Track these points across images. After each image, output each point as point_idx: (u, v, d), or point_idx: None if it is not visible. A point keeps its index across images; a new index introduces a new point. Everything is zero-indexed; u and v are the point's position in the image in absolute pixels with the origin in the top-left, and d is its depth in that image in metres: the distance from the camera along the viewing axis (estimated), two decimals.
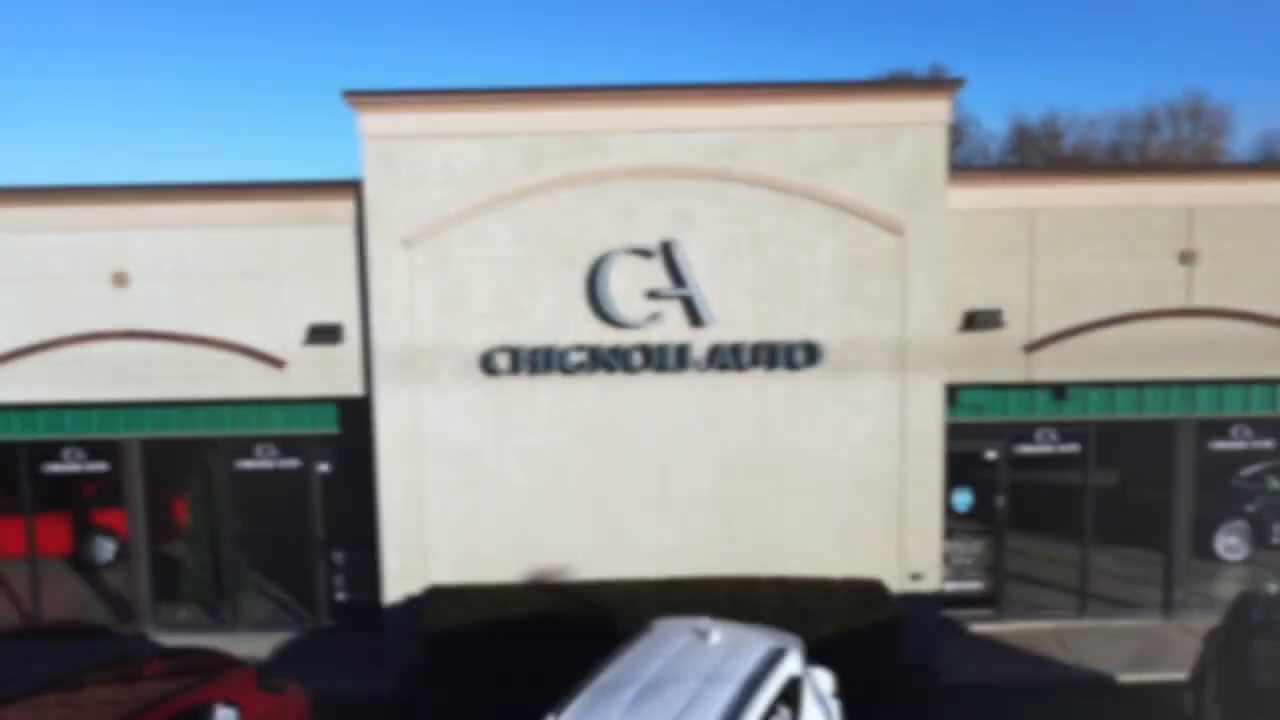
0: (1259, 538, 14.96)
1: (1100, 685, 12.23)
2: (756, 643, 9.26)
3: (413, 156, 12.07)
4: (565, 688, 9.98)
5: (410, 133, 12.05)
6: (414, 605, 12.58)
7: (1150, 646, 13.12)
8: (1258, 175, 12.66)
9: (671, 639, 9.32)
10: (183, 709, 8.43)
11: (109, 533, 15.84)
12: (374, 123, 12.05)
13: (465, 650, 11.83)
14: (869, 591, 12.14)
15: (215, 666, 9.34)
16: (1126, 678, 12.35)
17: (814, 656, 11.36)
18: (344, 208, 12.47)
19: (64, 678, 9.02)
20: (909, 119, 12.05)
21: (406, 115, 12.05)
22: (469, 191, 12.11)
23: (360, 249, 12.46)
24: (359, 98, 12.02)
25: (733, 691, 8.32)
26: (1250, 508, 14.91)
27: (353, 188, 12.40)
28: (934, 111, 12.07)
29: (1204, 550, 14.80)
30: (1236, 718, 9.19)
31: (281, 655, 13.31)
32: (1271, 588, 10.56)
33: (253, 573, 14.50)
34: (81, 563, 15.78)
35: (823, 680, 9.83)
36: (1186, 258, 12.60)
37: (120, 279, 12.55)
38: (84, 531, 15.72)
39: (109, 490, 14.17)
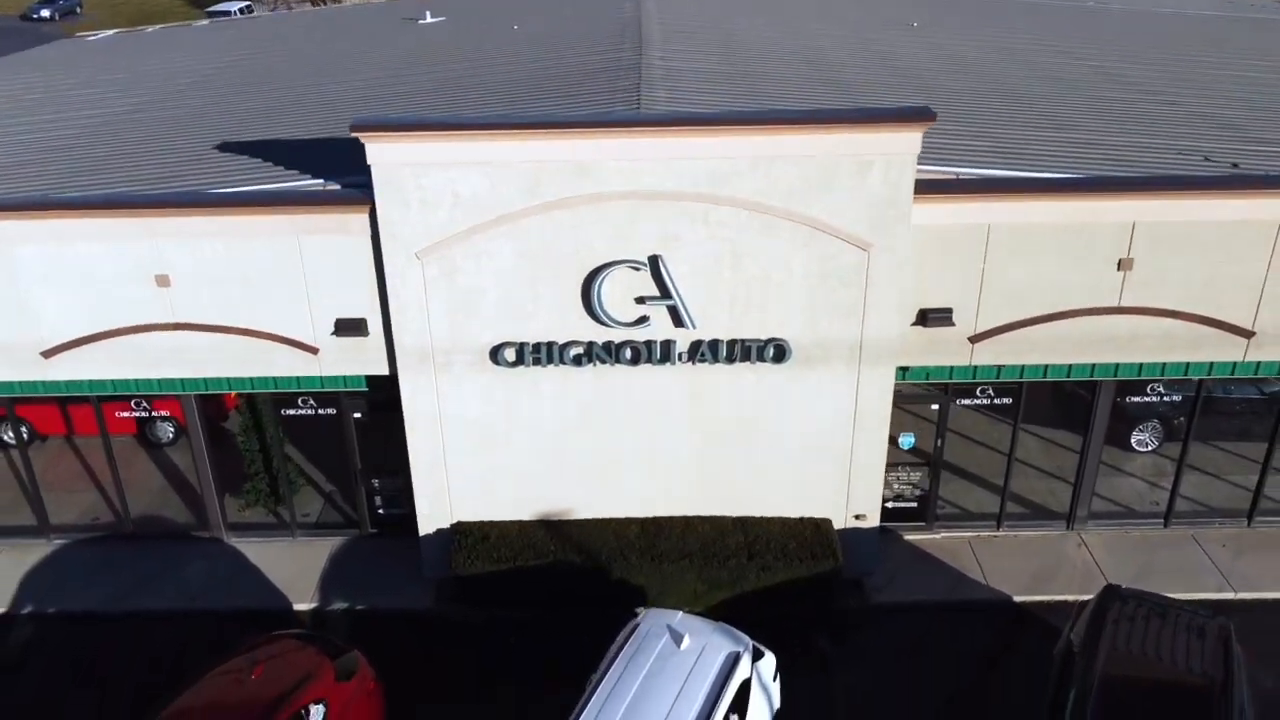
0: (1168, 433, 17.35)
1: (1001, 607, 15.24)
2: (717, 648, 12.03)
3: (419, 183, 13.04)
4: (564, 610, 12.88)
5: (416, 161, 12.93)
6: (443, 538, 15.30)
7: (1048, 564, 16.01)
8: (1196, 193, 13.63)
9: (653, 643, 12.05)
10: (289, 716, 11.36)
11: (168, 418, 18.26)
12: (381, 152, 12.90)
13: (485, 579, 14.69)
14: (817, 541, 14.76)
15: (302, 663, 12.14)
16: (1022, 598, 15.36)
17: (769, 594, 14.31)
18: (360, 220, 13.59)
19: (193, 681, 11.82)
20: (881, 150, 12.88)
21: (411, 145, 12.86)
22: (473, 214, 13.21)
23: (377, 256, 13.74)
24: (367, 130, 12.78)
25: (697, 709, 11.18)
26: (1162, 408, 17.14)
27: (368, 202, 13.44)
28: (905, 142, 12.87)
29: (1121, 443, 17.28)
30: (1082, 698, 11.96)
31: (335, 563, 16.27)
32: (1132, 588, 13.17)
33: (305, 485, 17.14)
34: (147, 441, 18.33)
35: (766, 668, 12.69)
36: (1124, 265, 13.91)
37: (162, 281, 13.95)
38: (146, 415, 18.08)
39: None
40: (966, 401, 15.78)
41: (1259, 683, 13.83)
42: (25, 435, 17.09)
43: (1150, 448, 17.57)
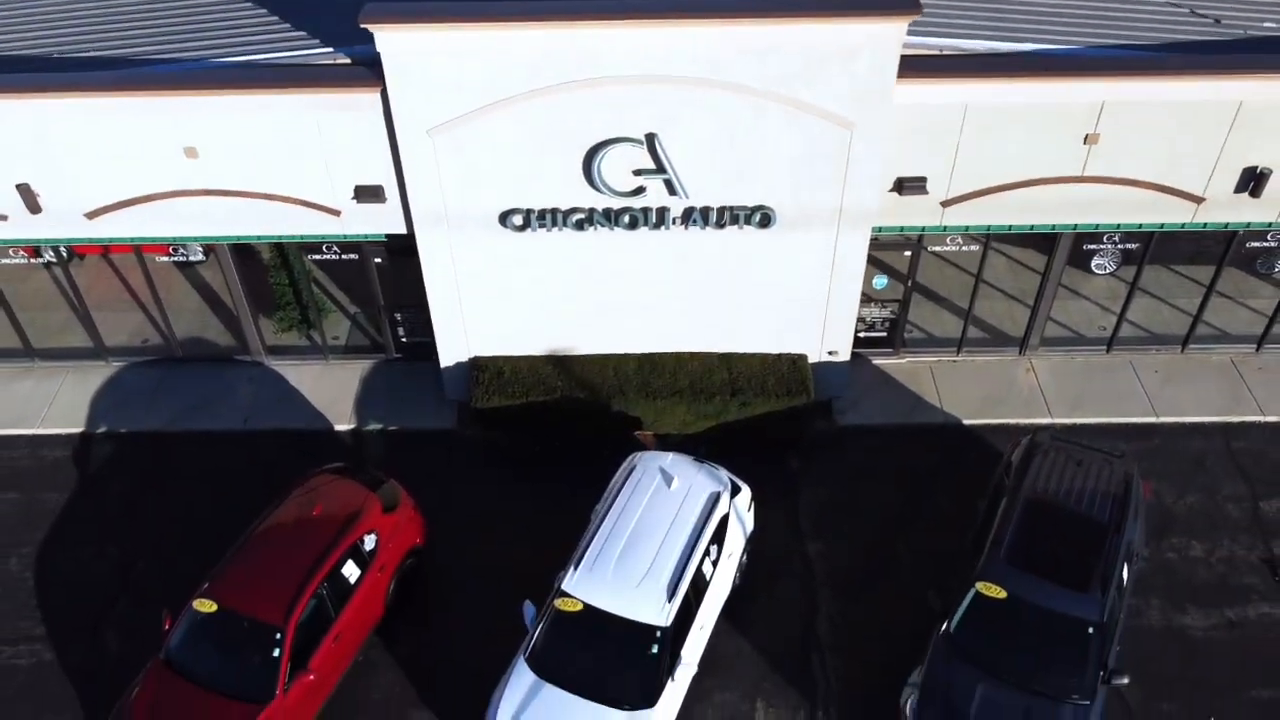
0: (1125, 257, 18.88)
1: (952, 429, 17.46)
2: (701, 488, 14.29)
3: (427, 68, 13.74)
4: (571, 434, 15.25)
5: (423, 50, 13.57)
6: (462, 369, 17.27)
7: (997, 389, 18.07)
8: (1162, 75, 14.31)
9: (647, 484, 14.30)
10: (349, 546, 13.78)
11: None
12: (389, 41, 13.50)
13: (502, 411, 16.80)
14: (793, 378, 16.71)
15: (353, 499, 14.37)
16: (970, 421, 17.56)
17: (748, 423, 16.49)
18: (371, 99, 14.37)
19: (259, 522, 14.09)
20: (867, 38, 13.49)
21: (418, 34, 13.44)
22: (479, 96, 13.99)
23: (390, 130, 14.63)
24: (375, 20, 13.32)
25: (683, 543, 13.59)
26: (1119, 243, 18.53)
27: (379, 83, 14.16)
28: (890, 31, 13.46)
29: (1082, 265, 18.85)
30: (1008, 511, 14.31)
31: (366, 386, 18.31)
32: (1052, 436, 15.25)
33: (333, 311, 18.83)
34: (178, 262, 19.77)
35: (742, 502, 14.98)
36: (1090, 139, 14.85)
37: (191, 153, 14.92)
38: (185, 260, 19.33)
39: None
40: (937, 249, 17.17)
41: (1161, 497, 16.35)
42: (65, 254, 18.48)
43: (1108, 270, 19.06)
